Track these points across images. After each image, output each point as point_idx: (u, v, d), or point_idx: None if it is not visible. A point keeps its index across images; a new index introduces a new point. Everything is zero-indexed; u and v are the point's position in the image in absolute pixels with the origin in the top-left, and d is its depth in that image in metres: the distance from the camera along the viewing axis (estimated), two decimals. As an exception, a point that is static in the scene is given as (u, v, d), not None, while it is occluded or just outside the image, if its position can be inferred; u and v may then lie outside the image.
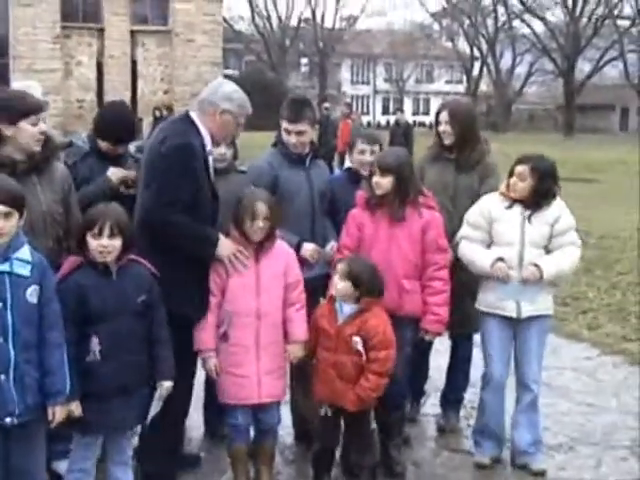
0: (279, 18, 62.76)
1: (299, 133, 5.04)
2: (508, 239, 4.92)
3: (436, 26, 68.05)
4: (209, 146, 4.56)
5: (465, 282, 5.13)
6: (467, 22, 64.08)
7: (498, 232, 4.96)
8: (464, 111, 5.60)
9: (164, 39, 27.78)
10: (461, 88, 70.71)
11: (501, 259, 4.89)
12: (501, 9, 61.75)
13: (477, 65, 66.44)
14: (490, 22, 63.00)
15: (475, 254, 4.99)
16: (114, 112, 5.19)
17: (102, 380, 3.92)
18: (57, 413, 3.75)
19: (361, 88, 73.21)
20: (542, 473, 5.02)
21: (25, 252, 3.67)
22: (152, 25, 28.05)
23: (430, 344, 5.47)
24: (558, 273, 4.96)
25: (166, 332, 4.15)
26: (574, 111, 58.47)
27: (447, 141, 5.42)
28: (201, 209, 4.39)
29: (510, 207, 4.93)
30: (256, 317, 4.44)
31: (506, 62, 64.73)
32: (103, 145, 5.00)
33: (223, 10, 32.39)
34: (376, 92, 73.52)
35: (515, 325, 5.01)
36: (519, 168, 4.91)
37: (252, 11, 61.73)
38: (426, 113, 69.05)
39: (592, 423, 5.81)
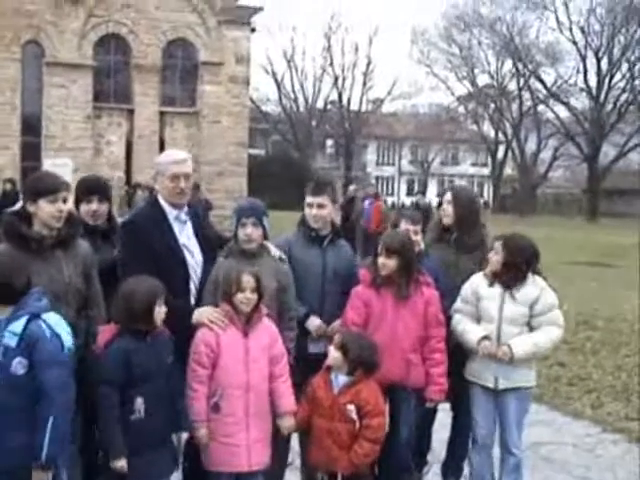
0: (306, 100, 63.85)
1: (320, 206, 5.35)
2: (489, 316, 5.28)
3: (461, 109, 68.88)
4: (171, 214, 5.02)
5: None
6: (492, 106, 64.83)
7: (482, 309, 5.33)
8: (466, 194, 6.00)
9: (192, 120, 28.45)
10: (486, 171, 71.33)
11: (486, 337, 5.21)
12: (526, 94, 62.48)
13: (502, 148, 66.96)
14: (515, 107, 63.70)
15: (464, 329, 5.33)
16: (83, 178, 5.62)
17: (146, 436, 4.28)
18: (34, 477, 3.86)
19: (386, 169, 73.99)
20: None
21: (18, 325, 3.88)
22: (180, 107, 28.75)
23: (434, 416, 5.75)
24: (533, 353, 5.29)
25: (183, 387, 4.56)
26: (598, 196, 58.57)
27: (446, 220, 5.76)
28: (169, 277, 4.66)
29: (491, 285, 5.29)
30: (245, 390, 4.65)
31: (531, 146, 65.14)
32: (89, 216, 5.25)
33: (251, 91, 33.25)
34: (401, 173, 74.24)
35: (495, 395, 5.34)
36: (495, 244, 5.31)
37: (279, 93, 62.92)
38: (451, 195, 69.42)
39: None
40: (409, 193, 67.62)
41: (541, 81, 60.28)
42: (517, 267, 5.27)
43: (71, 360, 4.03)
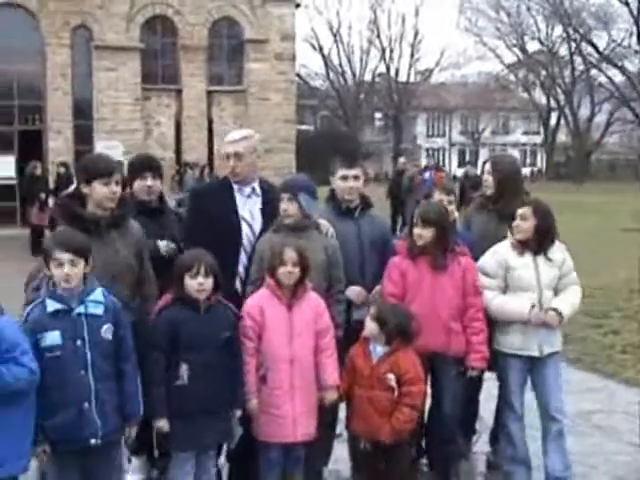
0: (353, 74, 63.59)
1: (355, 178, 5.44)
2: (526, 285, 5.23)
3: (512, 77, 68.02)
4: (235, 186, 5.35)
5: None
6: (543, 73, 63.91)
7: (516, 279, 5.29)
8: (506, 163, 5.99)
9: (239, 98, 28.58)
10: (538, 139, 70.42)
11: (534, 305, 5.22)
12: (578, 59, 61.42)
13: (554, 115, 66.05)
14: (567, 72, 62.72)
15: (504, 303, 5.30)
16: (136, 156, 5.89)
17: (189, 402, 4.44)
18: (132, 432, 4.34)
19: (436, 141, 73.42)
20: None
21: (98, 294, 4.19)
22: (228, 85, 28.90)
23: (479, 385, 5.79)
24: (573, 312, 5.37)
25: (242, 366, 4.66)
26: (654, 160, 57.57)
27: (488, 191, 5.77)
28: (221, 244, 4.95)
29: (522, 254, 5.26)
30: (290, 362, 4.77)
31: (584, 112, 64.10)
32: (144, 192, 5.45)
33: (298, 68, 33.21)
34: (452, 144, 73.68)
35: (534, 363, 5.37)
36: (521, 210, 5.29)
37: (327, 68, 62.72)
38: (503, 165, 68.81)
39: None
40: (460, 164, 67.07)
41: (593, 45, 59.00)
42: (549, 231, 5.30)
43: None
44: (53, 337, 4.05)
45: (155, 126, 27.74)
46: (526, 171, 68.28)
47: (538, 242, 5.29)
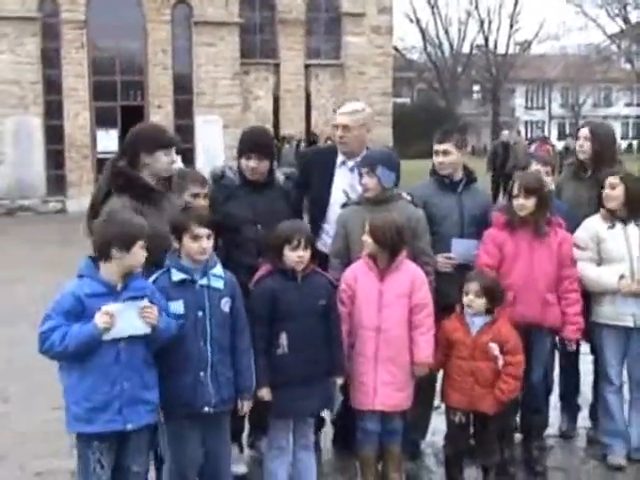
0: (451, 46, 62.81)
1: (445, 153, 5.45)
2: (618, 255, 5.21)
3: (614, 48, 66.14)
4: (340, 159, 5.53)
5: None
6: (647, 43, 61.92)
7: (608, 250, 5.29)
8: (604, 130, 5.93)
9: (336, 72, 28.59)
10: (641, 111, 68.50)
11: (622, 276, 5.19)
12: (684, 28, 59.32)
13: (658, 86, 64.06)
14: (672, 42, 60.63)
15: (596, 274, 5.31)
16: (250, 131, 5.69)
17: (289, 371, 4.57)
18: (245, 406, 4.49)
19: (535, 114, 72.08)
20: None
21: (219, 269, 4.35)
22: (325, 59, 28.92)
23: (576, 359, 5.79)
24: None
25: (340, 333, 4.75)
26: None
27: (582, 156, 5.73)
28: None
29: (612, 227, 5.21)
30: (376, 332, 4.83)
31: (690, 82, 61.93)
32: (247, 172, 5.30)
33: (396, 41, 32.92)
34: (551, 117, 72.20)
35: (629, 333, 5.37)
36: (609, 179, 5.29)
37: (424, 40, 62.10)
38: (604, 137, 67.16)
39: None
40: (560, 137, 65.71)
41: (701, 12, 56.98)
42: (638, 199, 5.25)
43: None
44: (177, 306, 4.24)
45: (253, 100, 27.97)
46: (632, 143, 66.60)
47: (628, 211, 5.25)
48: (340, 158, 5.56)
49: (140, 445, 4.19)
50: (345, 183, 5.48)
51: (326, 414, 5.49)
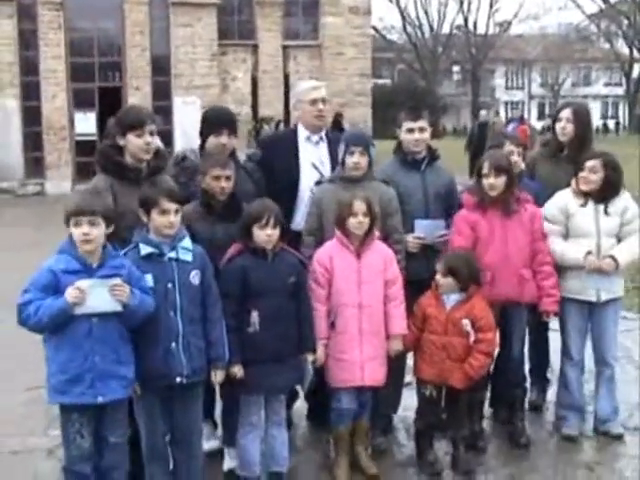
0: (431, 26, 62.84)
1: (421, 130, 5.50)
2: (585, 232, 5.33)
3: (593, 28, 66.33)
4: (303, 135, 5.56)
5: None
6: (626, 23, 62.15)
7: (575, 226, 5.39)
8: (585, 112, 6.01)
9: (315, 53, 28.57)
10: (620, 91, 68.66)
11: (589, 252, 5.28)
12: (662, 7, 59.55)
13: (637, 67, 64.25)
14: (650, 21, 60.86)
15: (563, 248, 5.41)
16: (215, 109, 5.86)
17: (260, 348, 4.62)
18: (218, 376, 4.54)
19: (515, 94, 72.23)
20: (620, 436, 5.56)
21: (187, 242, 4.43)
22: (303, 40, 28.89)
23: (547, 331, 5.93)
24: (632, 260, 5.48)
25: (310, 310, 4.82)
26: None
27: (564, 138, 5.80)
28: (279, 193, 5.19)
29: (584, 205, 5.32)
30: (358, 308, 4.91)
31: (669, 62, 62.28)
32: (218, 150, 5.26)
33: (375, 21, 32.86)
34: (531, 97, 72.42)
35: (592, 308, 5.48)
36: (590, 162, 5.36)
37: (404, 20, 62.09)
38: (584, 117, 67.45)
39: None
40: (540, 117, 65.91)
41: (679, -8, 57.20)
42: (616, 186, 5.35)
43: None
44: (146, 280, 4.31)
45: (231, 81, 27.92)
46: (609, 123, 66.94)
47: (603, 194, 5.35)
48: (304, 134, 5.60)
49: (117, 417, 4.29)
50: (314, 157, 5.54)
51: (299, 389, 5.56)
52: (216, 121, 5.35)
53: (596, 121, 67.99)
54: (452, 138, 49.06)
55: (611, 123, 68.71)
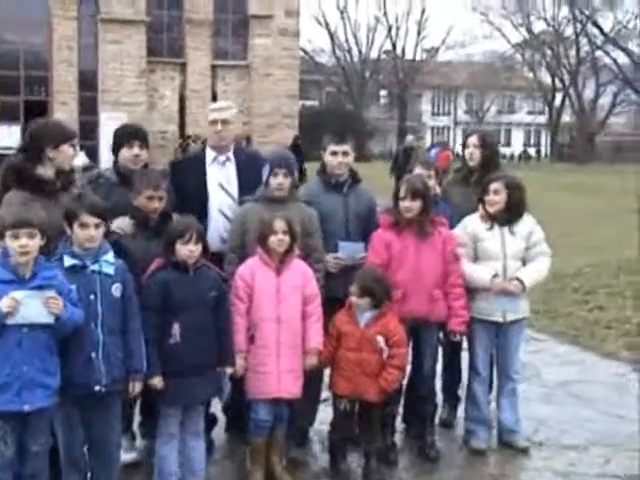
0: (359, 50, 63.57)
1: (344, 153, 5.68)
2: (492, 254, 5.59)
3: (517, 57, 67.84)
4: (210, 156, 5.69)
5: None
6: (549, 53, 63.74)
7: (484, 249, 5.64)
8: (491, 138, 6.29)
9: (243, 73, 28.76)
10: (543, 119, 70.29)
11: (496, 275, 5.54)
12: (583, 40, 61.22)
13: (559, 96, 65.90)
14: (572, 53, 62.49)
15: (472, 270, 5.63)
16: (126, 124, 6.07)
17: (180, 360, 4.72)
18: (136, 387, 4.61)
19: (441, 119, 73.36)
20: (526, 450, 5.79)
21: (110, 256, 4.52)
22: (232, 60, 29.05)
23: (459, 352, 6.12)
24: (536, 283, 5.75)
25: (230, 325, 4.95)
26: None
27: (472, 163, 6.06)
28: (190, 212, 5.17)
29: (491, 229, 5.58)
30: (277, 322, 5.06)
31: (589, 93, 63.93)
32: (130, 161, 5.43)
33: (304, 43, 33.20)
34: (457, 123, 73.61)
35: (498, 328, 5.73)
36: (494, 185, 5.60)
37: (333, 44, 62.69)
38: (507, 144, 68.95)
39: (611, 429, 6.18)
40: (465, 143, 66.82)
41: (598, 27, 58.87)
42: (519, 205, 5.61)
43: None
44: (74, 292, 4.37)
45: (159, 99, 27.96)
46: (531, 151, 68.45)
47: (507, 215, 5.59)
48: (211, 155, 5.72)
49: (40, 426, 4.33)
50: (221, 177, 5.69)
51: (217, 410, 5.67)
52: (127, 134, 5.50)
53: (518, 148, 69.62)
54: (379, 162, 49.61)
55: (533, 151, 70.32)
